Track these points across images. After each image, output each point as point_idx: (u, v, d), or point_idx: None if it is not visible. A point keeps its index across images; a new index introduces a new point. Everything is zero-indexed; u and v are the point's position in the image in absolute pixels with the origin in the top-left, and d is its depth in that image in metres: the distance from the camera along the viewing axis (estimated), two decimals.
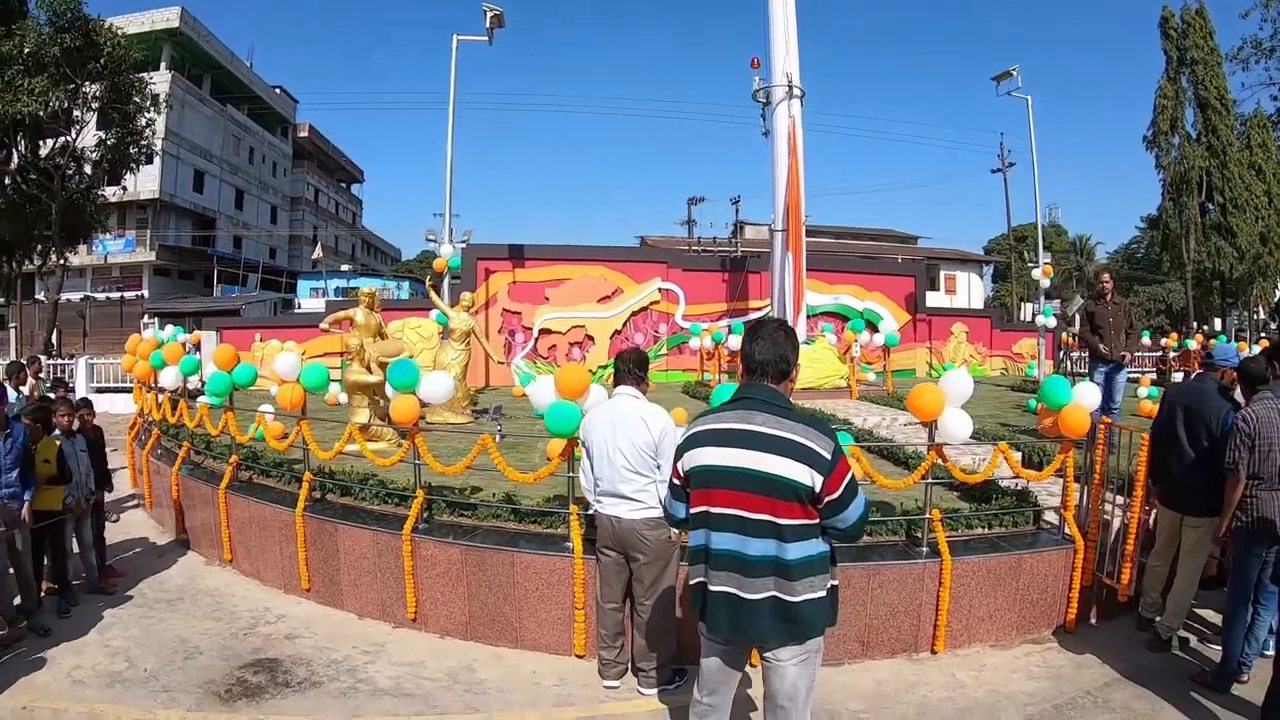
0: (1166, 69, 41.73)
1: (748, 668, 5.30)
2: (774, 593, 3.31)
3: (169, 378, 10.56)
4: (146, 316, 38.54)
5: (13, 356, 23.04)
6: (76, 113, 27.22)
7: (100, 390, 21.72)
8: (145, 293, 45.03)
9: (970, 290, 49.99)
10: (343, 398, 12.29)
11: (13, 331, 29.32)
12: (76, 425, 7.89)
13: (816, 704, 5.29)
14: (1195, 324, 41.66)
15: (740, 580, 3.36)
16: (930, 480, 6.52)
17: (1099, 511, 6.68)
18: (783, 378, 3.51)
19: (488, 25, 18.23)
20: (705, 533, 3.46)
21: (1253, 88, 53.89)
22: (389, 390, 7.74)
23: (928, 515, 6.40)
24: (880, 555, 6.33)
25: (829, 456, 3.23)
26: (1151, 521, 6.63)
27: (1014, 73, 22.45)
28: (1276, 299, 46.13)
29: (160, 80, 44.50)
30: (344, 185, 71.46)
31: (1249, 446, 5.25)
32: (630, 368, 5.51)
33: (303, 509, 7.48)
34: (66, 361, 23.43)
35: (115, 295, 44.91)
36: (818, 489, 3.23)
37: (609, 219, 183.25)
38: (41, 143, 27.26)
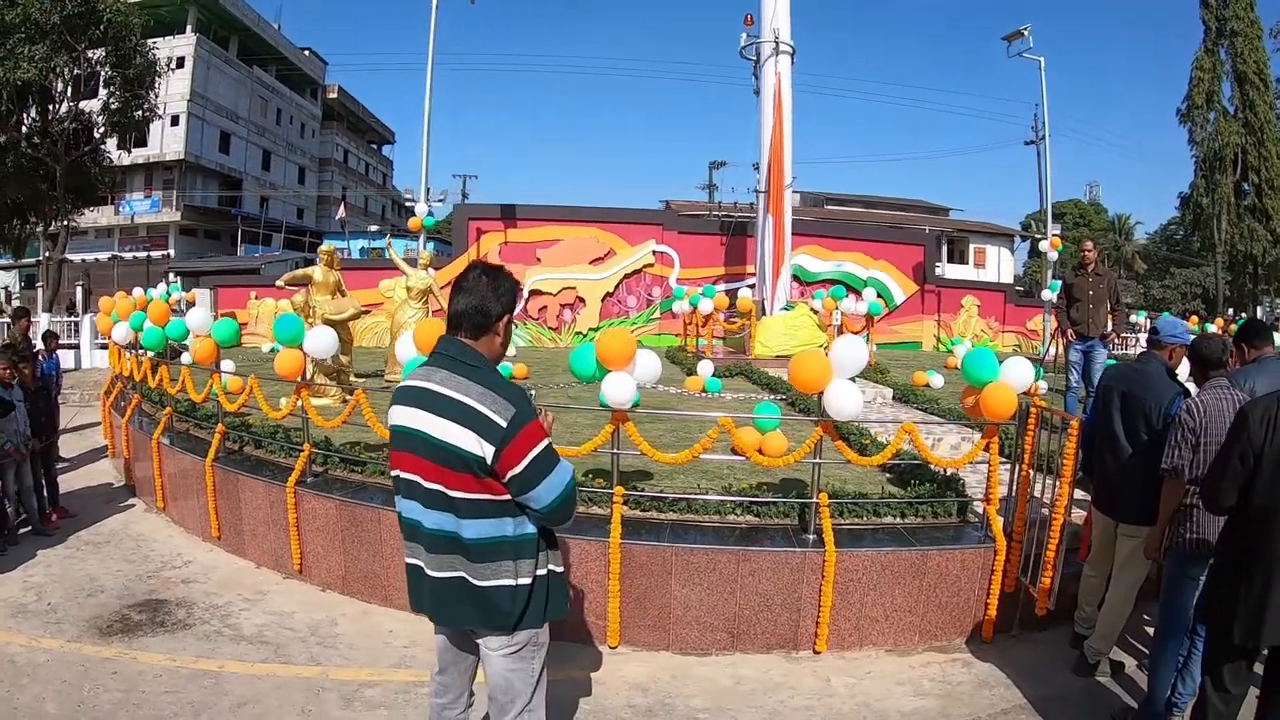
0: (1204, 40, 40.34)
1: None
2: (461, 573, 2.93)
3: (120, 333, 10.65)
4: (171, 275, 38.70)
5: (40, 314, 23.13)
6: (79, 77, 27.23)
7: (103, 346, 21.77)
8: (171, 252, 45.20)
9: (1000, 264, 49.07)
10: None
11: (40, 291, 29.39)
12: (15, 378, 8.00)
13: (661, 694, 5.11)
14: (1231, 310, 40.25)
15: (425, 555, 3.00)
16: (819, 460, 5.92)
17: (1025, 509, 5.77)
18: (481, 331, 3.02)
19: None
20: (398, 499, 3.09)
21: None
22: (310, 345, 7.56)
23: (814, 499, 5.84)
24: (760, 539, 5.81)
25: (504, 424, 2.79)
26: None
27: (1025, 32, 21.85)
28: None
29: (184, 43, 44.71)
30: (374, 146, 71.32)
31: (1192, 444, 4.33)
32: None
33: (212, 459, 7.69)
34: (77, 319, 23.47)
35: (142, 255, 45.10)
36: (489, 460, 2.80)
37: (634, 182, 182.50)
38: (51, 107, 27.26)
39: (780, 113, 15.35)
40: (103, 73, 27.78)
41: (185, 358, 9.39)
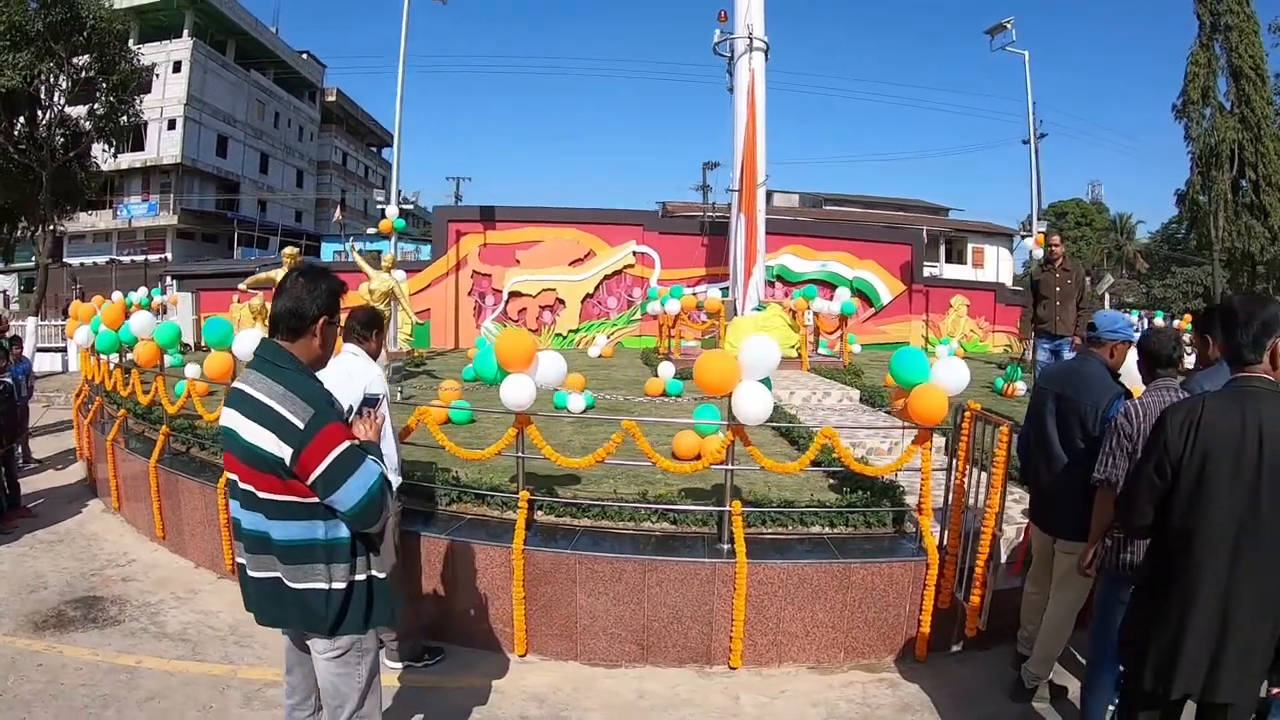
0: (1199, 34, 39.88)
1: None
2: (277, 574, 2.95)
3: (82, 336, 10.58)
4: (168, 278, 38.79)
5: (33, 317, 23.35)
6: (64, 83, 27.28)
7: (41, 349, 22.01)
8: (169, 256, 45.29)
9: (999, 264, 48.85)
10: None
11: (35, 294, 29.61)
12: None
13: (559, 705, 5.01)
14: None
15: (246, 555, 3.03)
16: (731, 466, 5.70)
17: (960, 520, 5.47)
18: (296, 334, 3.03)
19: None
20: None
21: None
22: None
23: (727, 508, 5.63)
24: (675, 548, 5.64)
25: (301, 426, 2.80)
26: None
27: (1008, 25, 21.69)
28: None
29: (181, 47, 44.84)
30: (373, 149, 71.27)
31: (1129, 453, 3.90)
32: (354, 325, 5.05)
33: (156, 461, 7.76)
34: (58, 324, 23.57)
35: (139, 259, 45.21)
36: (288, 462, 2.80)
37: (630, 183, 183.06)
38: (38, 114, 27.31)
39: (754, 110, 15.21)
40: (88, 78, 27.80)
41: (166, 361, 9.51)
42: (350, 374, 4.75)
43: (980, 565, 5.16)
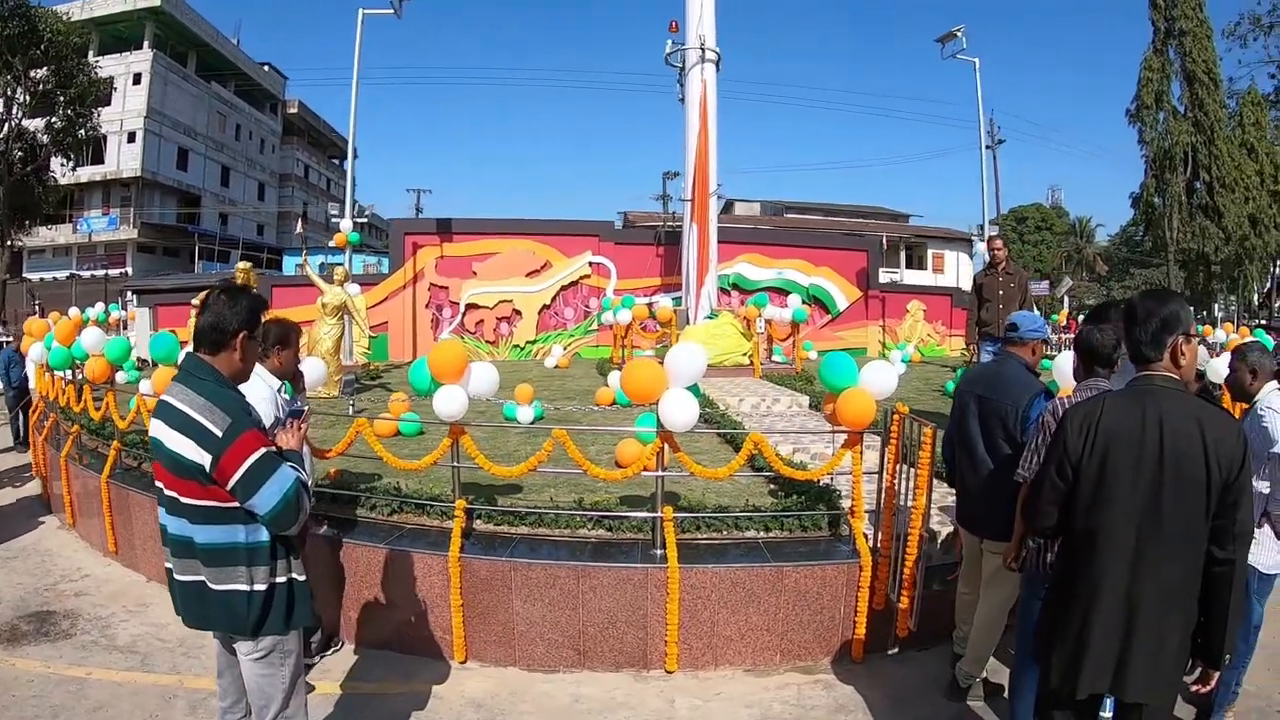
0: (1153, 40, 40.51)
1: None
2: (201, 577, 3.11)
3: (36, 352, 10.63)
4: (129, 293, 38.45)
5: None
6: (22, 97, 27.05)
7: None
8: (129, 270, 44.91)
9: (959, 269, 49.26)
10: None
11: None
12: None
13: (497, 710, 5.10)
14: (1191, 310, 40.16)
15: (172, 559, 3.21)
16: (661, 473, 5.76)
17: (891, 521, 5.54)
18: (217, 348, 3.20)
19: None
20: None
21: (1251, 65, 52.93)
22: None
23: (658, 514, 5.70)
24: (611, 554, 5.70)
25: (219, 434, 2.97)
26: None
27: (959, 34, 21.95)
28: (1267, 285, 45.35)
29: (141, 59, 44.55)
30: (335, 161, 70.92)
31: None
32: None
33: (107, 476, 7.77)
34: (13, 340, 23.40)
35: (100, 273, 44.83)
36: (208, 468, 2.98)
37: (592, 193, 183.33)
38: None
39: (705, 120, 15.31)
40: (45, 91, 27.57)
41: (120, 377, 9.52)
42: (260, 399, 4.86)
43: (908, 567, 5.21)
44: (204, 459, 2.96)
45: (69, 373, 9.63)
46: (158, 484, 3.18)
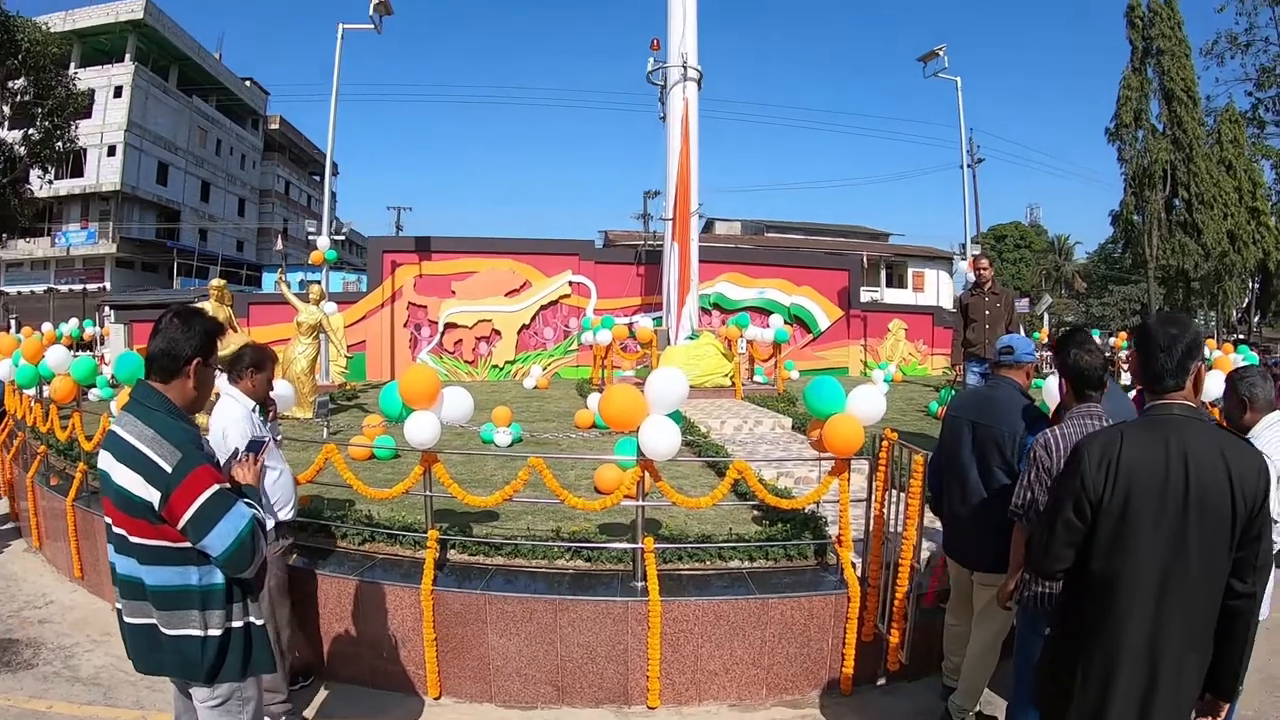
0: (1131, 59, 40.95)
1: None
2: (152, 620, 2.91)
3: (3, 370, 10.38)
4: (106, 308, 38.18)
5: None
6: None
7: None
8: (107, 285, 44.59)
9: (940, 287, 49.47)
10: None
11: None
12: None
13: None
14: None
15: (122, 600, 2.99)
16: (644, 503, 5.61)
17: (880, 551, 5.42)
18: (170, 375, 3.01)
19: (372, 12, 17.79)
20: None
21: (1228, 83, 53.46)
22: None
23: (639, 545, 5.55)
24: (590, 586, 5.57)
25: (169, 470, 2.78)
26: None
27: (940, 52, 22.04)
28: (1246, 300, 45.63)
29: (123, 71, 44.29)
30: (316, 178, 70.58)
31: (1046, 486, 3.74)
32: (231, 365, 4.97)
33: (73, 499, 7.65)
34: None
35: (78, 287, 44.49)
36: (157, 505, 2.78)
37: (575, 212, 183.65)
38: None
39: (687, 139, 15.23)
40: (23, 102, 27.34)
41: (94, 394, 9.37)
42: (217, 412, 4.77)
43: (898, 599, 5.13)
44: (153, 496, 2.78)
45: (36, 390, 9.46)
46: (106, 519, 2.97)
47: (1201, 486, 2.70)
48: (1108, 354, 21.28)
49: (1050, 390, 5.22)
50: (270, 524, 4.57)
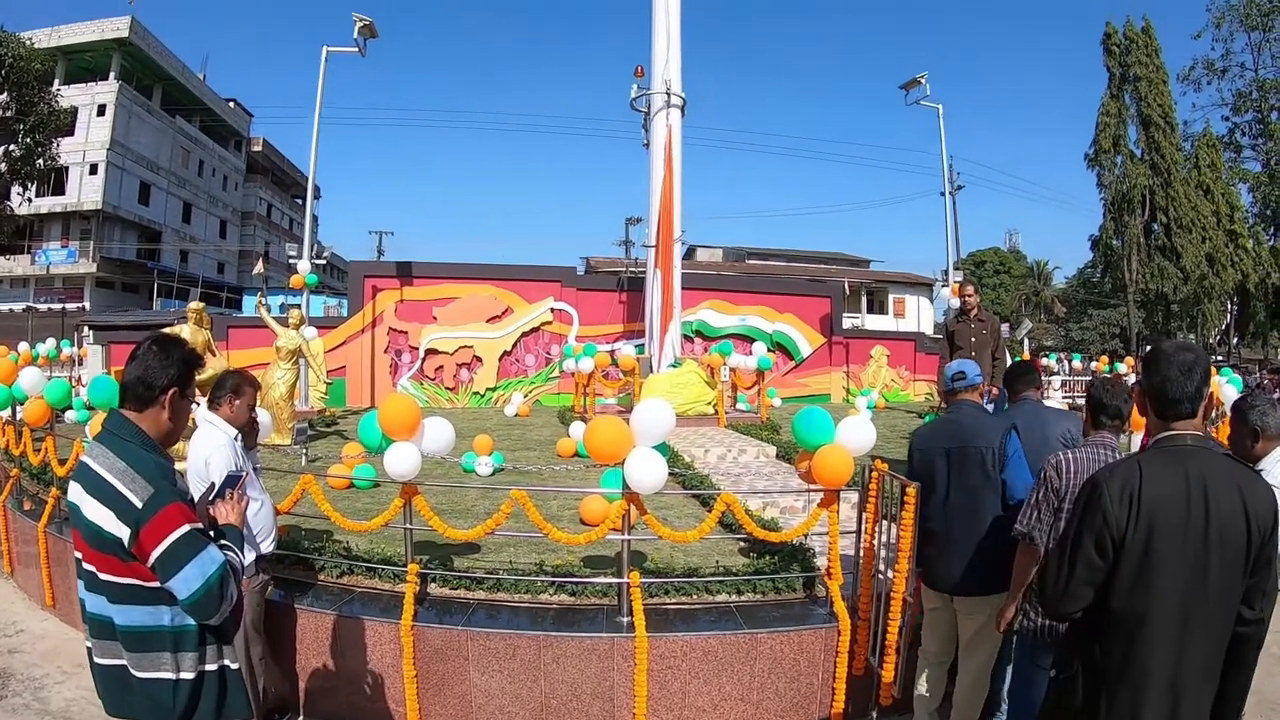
0: (1109, 85, 41.72)
1: None
2: (122, 661, 2.77)
3: None
4: (85, 328, 37.92)
5: None
6: None
7: None
8: (87, 305, 44.34)
9: (920, 314, 49.67)
10: None
11: None
12: None
13: None
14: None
15: (92, 639, 2.84)
16: (627, 536, 5.49)
17: (870, 583, 5.33)
18: (145, 404, 2.86)
19: (356, 35, 17.79)
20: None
21: (1205, 108, 54.18)
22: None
23: (625, 579, 5.44)
24: (575, 621, 5.46)
25: (140, 505, 2.65)
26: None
27: (922, 80, 22.23)
28: (1225, 322, 46.06)
29: (106, 90, 44.21)
30: (298, 200, 70.47)
31: (1054, 508, 3.68)
32: (212, 391, 4.92)
33: (44, 525, 7.54)
34: None
35: (57, 307, 44.22)
36: (126, 542, 2.65)
37: (557, 239, 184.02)
38: None
39: (670, 166, 15.27)
40: (4, 118, 27.21)
41: (70, 416, 9.24)
42: (195, 440, 4.70)
43: (891, 633, 5.01)
44: (122, 532, 2.64)
45: (10, 412, 9.37)
46: (76, 554, 2.83)
47: (1221, 518, 2.62)
48: (1089, 377, 21.32)
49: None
50: (251, 557, 4.49)
